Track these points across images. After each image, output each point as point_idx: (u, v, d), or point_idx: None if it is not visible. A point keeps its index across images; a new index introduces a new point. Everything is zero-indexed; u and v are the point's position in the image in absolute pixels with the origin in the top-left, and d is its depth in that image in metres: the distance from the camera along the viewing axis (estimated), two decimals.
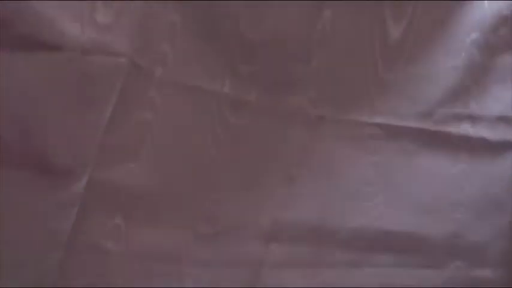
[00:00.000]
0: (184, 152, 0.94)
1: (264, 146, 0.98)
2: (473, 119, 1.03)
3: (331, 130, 0.99)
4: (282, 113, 0.97)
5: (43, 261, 0.86)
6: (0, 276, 0.84)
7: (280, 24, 0.94)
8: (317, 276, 1.02)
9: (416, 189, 1.04)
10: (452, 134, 1.03)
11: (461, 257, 1.04)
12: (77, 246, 0.87)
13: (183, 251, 0.97)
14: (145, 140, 0.91)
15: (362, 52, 0.98)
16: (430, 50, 1.00)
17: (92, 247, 0.89)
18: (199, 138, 0.95)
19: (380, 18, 0.96)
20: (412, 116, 1.02)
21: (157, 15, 0.87)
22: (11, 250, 0.85)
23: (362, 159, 1.01)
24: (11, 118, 0.79)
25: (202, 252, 0.98)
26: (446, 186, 1.04)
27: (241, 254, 1.00)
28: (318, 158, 1.00)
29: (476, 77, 1.02)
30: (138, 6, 0.83)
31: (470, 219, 1.04)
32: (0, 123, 0.79)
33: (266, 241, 1.00)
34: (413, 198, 1.04)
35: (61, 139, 0.82)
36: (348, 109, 0.99)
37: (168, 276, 0.96)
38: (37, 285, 0.85)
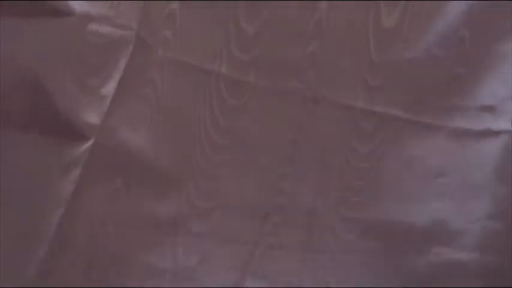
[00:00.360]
0: (183, 128, 0.99)
1: (260, 126, 1.01)
2: (460, 108, 1.06)
3: (326, 114, 1.02)
4: (278, 95, 1.00)
5: (42, 221, 0.89)
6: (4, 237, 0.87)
7: (277, 11, 0.98)
8: (309, 260, 1.05)
9: (404, 178, 1.06)
10: (441, 123, 1.06)
11: (442, 243, 1.06)
12: (76, 207, 0.90)
13: (179, 222, 1.00)
14: (146, 114, 0.95)
15: (357, 39, 1.01)
16: (423, 38, 1.03)
17: (90, 210, 0.92)
18: (197, 117, 0.99)
19: (375, 5, 1.01)
20: (403, 105, 1.04)
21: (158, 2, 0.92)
22: (11, 211, 0.88)
23: (354, 147, 1.04)
24: (21, 81, 0.83)
25: (197, 225, 1.02)
26: (431, 176, 1.07)
27: (237, 232, 1.03)
28: (313, 141, 1.03)
29: (466, 66, 1.05)
30: None
31: (451, 207, 1.06)
32: (11, 86, 0.82)
33: (262, 221, 1.03)
34: (400, 187, 1.06)
35: (68, 103, 0.86)
36: (342, 94, 1.02)
37: (161, 246, 0.99)
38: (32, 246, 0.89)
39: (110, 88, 0.88)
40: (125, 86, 0.90)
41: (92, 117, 0.87)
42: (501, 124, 1.06)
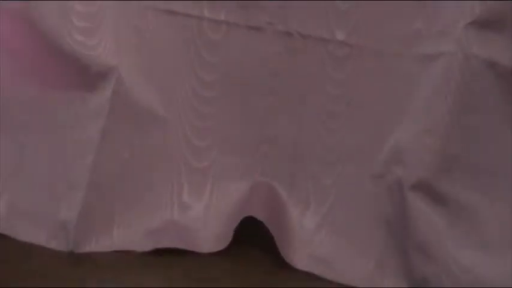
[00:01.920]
0: (174, 71, 1.07)
1: (242, 61, 1.08)
2: (422, 34, 1.05)
3: (300, 46, 1.07)
4: (252, 30, 1.07)
5: (75, 168, 1.01)
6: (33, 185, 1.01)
7: None
8: (299, 187, 1.11)
9: (372, 108, 1.08)
10: (403, 51, 1.06)
11: (400, 165, 1.04)
12: (105, 152, 1.01)
13: (181, 161, 1.09)
14: (140, 63, 1.04)
15: None
16: None
17: (117, 155, 1.02)
18: (184, 58, 1.07)
19: None
20: (374, 36, 1.06)
21: None
22: (47, 162, 1.02)
23: (328, 77, 1.08)
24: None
25: (199, 162, 1.10)
26: (395, 105, 1.07)
27: (237, 166, 1.10)
28: (292, 72, 1.08)
29: None
30: None
31: (409, 132, 1.05)
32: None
33: (257, 155, 1.10)
34: (370, 115, 1.08)
35: (83, 56, 1.00)
36: (312, 26, 1.07)
37: (168, 185, 1.08)
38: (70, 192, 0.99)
39: (109, 43, 1.00)
40: (119, 39, 1.01)
41: (105, 70, 1.00)
42: (449, 46, 1.03)
